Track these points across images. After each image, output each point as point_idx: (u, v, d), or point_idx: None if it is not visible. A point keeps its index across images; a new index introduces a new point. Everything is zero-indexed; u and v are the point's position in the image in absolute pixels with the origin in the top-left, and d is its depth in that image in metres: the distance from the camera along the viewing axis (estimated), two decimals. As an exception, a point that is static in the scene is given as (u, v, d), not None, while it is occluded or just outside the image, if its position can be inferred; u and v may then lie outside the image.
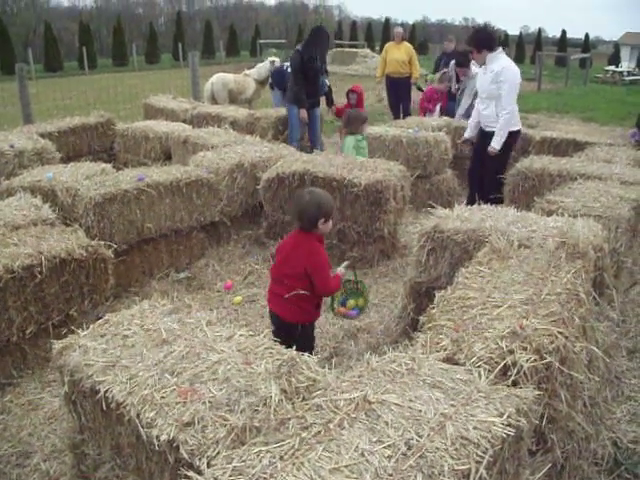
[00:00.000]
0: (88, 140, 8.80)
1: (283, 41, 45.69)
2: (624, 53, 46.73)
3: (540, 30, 56.88)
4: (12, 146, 7.08)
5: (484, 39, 6.44)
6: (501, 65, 6.32)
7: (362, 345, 4.35)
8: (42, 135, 7.87)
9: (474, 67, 9.12)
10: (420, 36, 64.14)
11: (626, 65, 35.11)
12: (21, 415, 3.74)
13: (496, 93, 6.38)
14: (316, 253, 3.55)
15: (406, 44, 11.94)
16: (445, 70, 10.28)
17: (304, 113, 8.65)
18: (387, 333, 4.44)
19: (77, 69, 42.50)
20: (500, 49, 6.44)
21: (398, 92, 11.81)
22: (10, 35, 45.00)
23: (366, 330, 4.56)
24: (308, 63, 8.50)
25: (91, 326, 2.87)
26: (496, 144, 6.43)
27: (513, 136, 6.56)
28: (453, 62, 9.79)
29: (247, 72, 13.14)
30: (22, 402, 3.86)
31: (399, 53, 11.66)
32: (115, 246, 4.68)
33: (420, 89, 11.98)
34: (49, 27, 46.93)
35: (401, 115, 11.46)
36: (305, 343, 3.55)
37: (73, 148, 8.57)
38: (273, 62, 12.11)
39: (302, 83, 8.55)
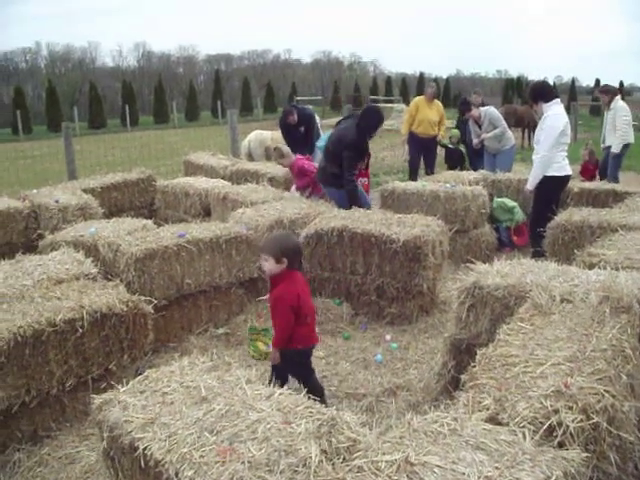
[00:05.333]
0: (129, 196, 9.00)
1: (319, 98, 46.53)
2: (659, 98, 46.46)
3: (574, 80, 57.22)
4: (57, 201, 7.29)
5: (537, 92, 6.89)
6: (548, 113, 6.67)
7: (401, 403, 4.27)
8: (85, 191, 8.10)
9: (475, 109, 9.74)
10: (454, 89, 64.86)
11: (662, 111, 34.72)
12: (58, 468, 3.72)
13: (540, 139, 6.73)
14: None
15: (437, 103, 11.18)
16: None
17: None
18: (427, 391, 4.36)
19: (120, 126, 43.81)
20: (556, 100, 6.77)
21: (424, 152, 11.12)
22: (58, 94, 46.74)
23: (405, 387, 4.48)
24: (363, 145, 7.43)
25: (131, 382, 2.88)
26: (528, 184, 6.91)
27: (555, 182, 6.75)
28: (470, 121, 9.96)
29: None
30: (59, 455, 3.84)
31: (431, 112, 10.92)
32: (155, 301, 4.72)
33: (444, 146, 11.56)
34: (94, 86, 48.78)
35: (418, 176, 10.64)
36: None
37: (115, 204, 8.77)
38: None
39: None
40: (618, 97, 10.14)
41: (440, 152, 11.72)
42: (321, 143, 8.27)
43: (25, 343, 3.75)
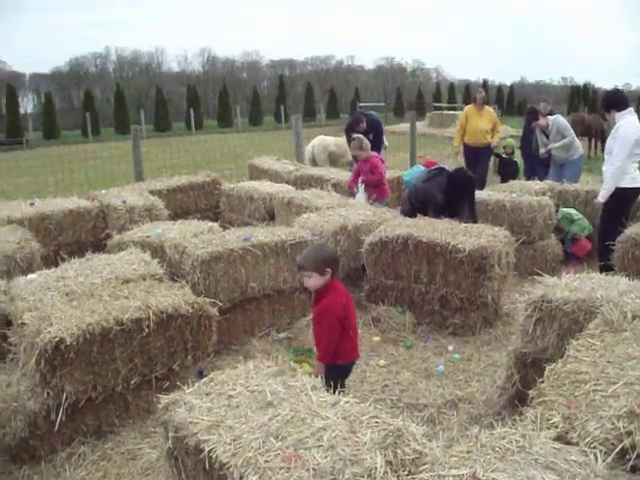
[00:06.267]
0: (195, 198, 9.16)
1: (382, 104, 46.40)
2: None
3: (643, 87, 55.56)
4: (124, 202, 7.47)
5: (610, 100, 6.76)
6: (621, 122, 6.48)
7: (463, 415, 4.21)
8: (152, 192, 8.28)
9: (542, 118, 9.50)
10: (519, 96, 63.91)
11: None
12: (120, 464, 3.81)
13: (612, 148, 6.53)
14: None
15: (488, 109, 10.88)
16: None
17: None
18: (489, 404, 4.29)
19: (184, 129, 44.60)
20: (629, 109, 6.59)
21: (476, 161, 10.70)
22: (125, 98, 47.96)
23: (467, 400, 4.42)
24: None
25: (196, 384, 2.91)
26: (600, 196, 6.65)
27: (626, 194, 6.54)
28: (537, 131, 9.73)
29: (349, 135, 13.30)
30: (122, 451, 3.94)
31: (482, 121, 10.62)
32: (220, 304, 4.76)
33: (498, 156, 11.28)
34: (160, 91, 49.83)
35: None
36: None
37: (180, 206, 8.93)
38: None
39: None
40: None
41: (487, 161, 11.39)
42: (407, 177, 8.17)
43: (93, 340, 3.85)
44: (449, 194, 6.89)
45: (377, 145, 10.24)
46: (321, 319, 3.71)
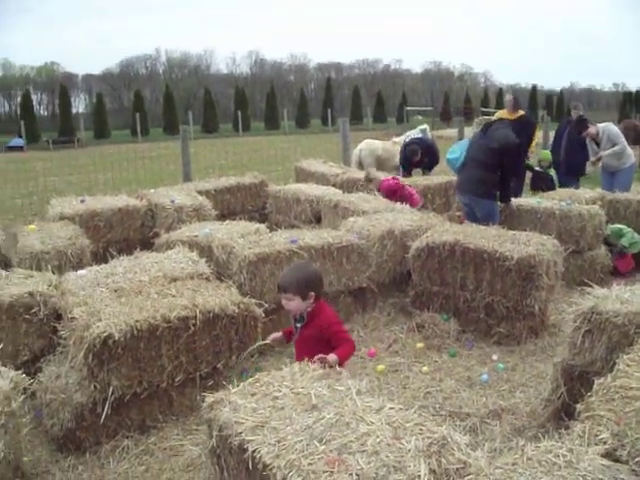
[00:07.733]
0: (242, 199, 9.22)
1: (429, 108, 46.15)
2: None
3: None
4: (173, 201, 7.56)
5: None
6: None
7: (506, 426, 4.14)
8: (200, 192, 8.37)
9: (592, 126, 9.32)
10: (569, 103, 63.00)
11: None
12: (162, 459, 3.86)
13: None
14: None
15: (522, 116, 9.88)
16: None
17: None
18: (533, 416, 4.21)
19: (231, 131, 45.01)
20: None
21: None
22: (174, 99, 48.73)
23: (511, 411, 4.34)
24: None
25: (242, 384, 2.93)
26: None
27: None
28: (587, 140, 9.46)
29: (396, 140, 13.24)
30: (164, 446, 3.99)
31: None
32: (265, 305, 4.78)
33: (529, 168, 10.36)
34: (208, 92, 50.45)
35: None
36: None
37: (227, 206, 8.99)
38: (425, 130, 11.83)
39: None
40: None
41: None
42: (453, 155, 7.85)
43: (140, 337, 3.92)
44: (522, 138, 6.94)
45: (434, 165, 10.25)
46: (330, 328, 3.47)
